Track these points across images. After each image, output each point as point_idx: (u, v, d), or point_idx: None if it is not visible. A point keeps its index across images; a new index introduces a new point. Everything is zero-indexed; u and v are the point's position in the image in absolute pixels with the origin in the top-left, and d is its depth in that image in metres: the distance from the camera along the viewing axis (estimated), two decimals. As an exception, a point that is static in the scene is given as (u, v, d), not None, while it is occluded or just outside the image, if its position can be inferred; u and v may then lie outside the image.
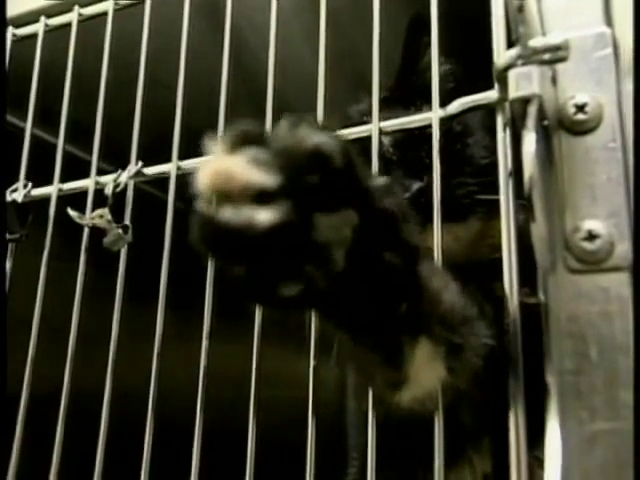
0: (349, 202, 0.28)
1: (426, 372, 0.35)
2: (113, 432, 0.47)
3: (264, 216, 0.26)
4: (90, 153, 0.53)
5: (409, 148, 0.54)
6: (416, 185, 0.50)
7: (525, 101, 0.33)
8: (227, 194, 0.27)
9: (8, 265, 0.52)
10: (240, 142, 0.28)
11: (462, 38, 0.51)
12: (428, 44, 0.41)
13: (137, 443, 0.45)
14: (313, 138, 0.27)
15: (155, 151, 0.50)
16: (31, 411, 0.50)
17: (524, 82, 0.33)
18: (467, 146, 0.55)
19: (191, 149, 0.50)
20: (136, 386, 0.46)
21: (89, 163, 0.52)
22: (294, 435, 0.45)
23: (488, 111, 0.38)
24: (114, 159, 0.53)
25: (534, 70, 0.33)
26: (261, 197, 0.27)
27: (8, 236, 0.50)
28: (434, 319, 0.35)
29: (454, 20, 0.45)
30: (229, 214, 0.26)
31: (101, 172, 0.52)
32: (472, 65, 0.42)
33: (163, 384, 0.46)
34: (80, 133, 0.55)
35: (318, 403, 0.41)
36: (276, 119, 0.46)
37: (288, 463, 0.49)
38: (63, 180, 0.53)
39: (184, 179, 0.49)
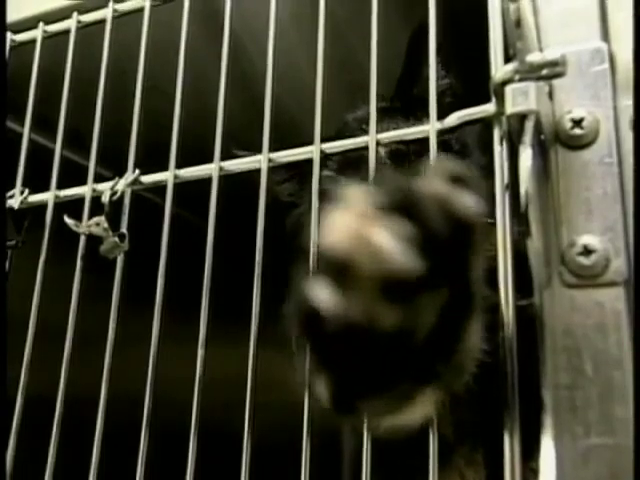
0: (449, 279, 0.24)
1: (416, 409, 0.32)
2: (109, 435, 0.47)
3: (391, 318, 0.22)
4: (88, 159, 0.53)
5: (406, 160, 0.54)
6: None
7: (522, 116, 0.33)
8: (354, 270, 0.22)
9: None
10: (386, 203, 0.22)
11: (461, 52, 0.51)
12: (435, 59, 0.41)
13: (133, 446, 0.45)
14: (469, 202, 0.23)
15: (153, 157, 0.50)
16: (27, 414, 0.49)
17: (521, 98, 0.33)
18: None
19: (189, 156, 0.50)
20: (133, 389, 0.46)
21: (87, 168, 0.52)
22: (290, 440, 0.45)
23: (485, 125, 0.39)
24: (112, 164, 0.53)
25: (531, 86, 0.33)
26: (391, 285, 0.22)
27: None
28: (450, 369, 0.31)
29: (454, 34, 0.45)
30: (350, 305, 0.21)
31: (99, 177, 0.52)
32: (471, 80, 0.42)
33: (159, 387, 0.46)
34: (78, 138, 0.55)
35: (314, 408, 0.41)
36: (274, 127, 0.46)
37: (284, 468, 0.49)
38: (61, 185, 0.53)
39: (182, 186, 0.49)
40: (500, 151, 0.37)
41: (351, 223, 0.22)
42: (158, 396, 0.45)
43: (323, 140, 0.43)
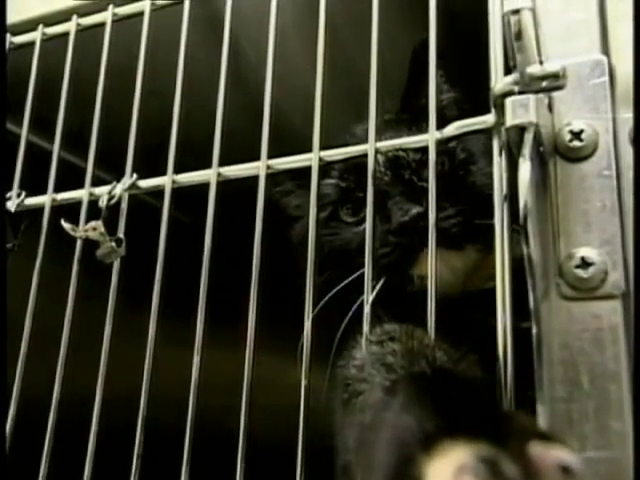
0: None
1: None
2: (104, 436, 0.46)
3: None
4: (86, 161, 0.52)
5: (405, 170, 0.54)
6: (415, 209, 0.50)
7: (521, 128, 0.33)
8: None
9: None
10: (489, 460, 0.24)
11: (465, 66, 0.51)
12: (435, 69, 0.41)
13: (127, 448, 0.44)
14: None
15: (152, 160, 0.50)
16: (22, 415, 0.49)
17: (521, 110, 0.33)
18: (469, 173, 0.55)
19: (187, 160, 0.50)
20: (129, 391, 0.46)
21: (85, 170, 0.52)
22: (285, 442, 0.45)
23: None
24: (111, 167, 0.52)
25: (531, 98, 0.33)
26: None
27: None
28: None
29: (457, 47, 0.45)
30: None
31: (98, 179, 0.52)
32: (475, 93, 0.42)
33: (156, 389, 0.45)
34: (77, 141, 0.55)
35: (309, 412, 0.40)
36: (273, 133, 0.46)
37: (279, 471, 0.49)
38: (59, 186, 0.53)
39: (180, 189, 0.49)
40: (499, 162, 0.37)
41: None
42: (154, 398, 0.45)
43: (322, 148, 0.43)
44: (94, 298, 0.48)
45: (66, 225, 0.45)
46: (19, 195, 0.52)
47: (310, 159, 0.42)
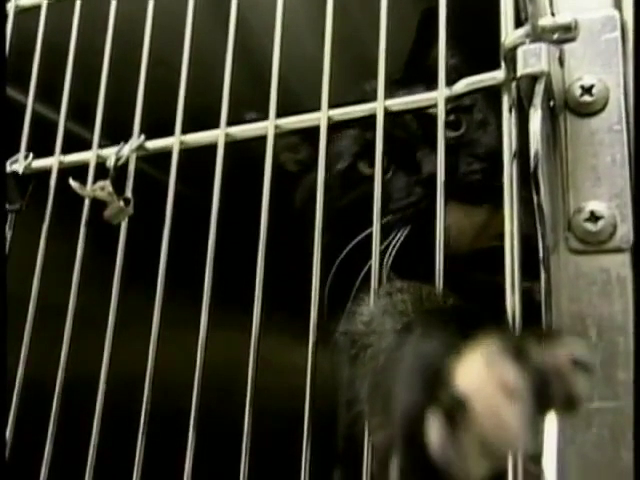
0: None
1: None
2: (109, 418, 0.46)
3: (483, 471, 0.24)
4: (92, 131, 0.52)
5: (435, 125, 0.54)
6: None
7: (533, 79, 0.33)
8: (473, 428, 0.24)
9: (7, 236, 0.51)
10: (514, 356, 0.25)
11: (468, 31, 0.51)
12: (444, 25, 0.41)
13: (132, 428, 0.44)
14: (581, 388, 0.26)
15: (157, 130, 0.50)
16: (26, 395, 0.49)
17: (533, 59, 0.33)
18: (487, 134, 0.55)
19: (193, 127, 0.50)
20: (133, 370, 0.46)
21: (91, 142, 0.51)
22: (290, 422, 0.45)
23: (494, 93, 0.38)
24: (116, 137, 0.52)
25: (543, 47, 0.33)
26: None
27: (8, 207, 0.49)
28: None
29: (461, 15, 0.45)
30: (455, 456, 0.23)
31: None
32: (478, 59, 0.42)
33: (161, 369, 0.45)
34: (83, 111, 0.54)
35: (315, 391, 0.40)
36: (279, 101, 0.46)
37: (284, 450, 0.49)
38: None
39: (186, 162, 0.49)
40: (509, 119, 0.37)
41: (483, 375, 0.24)
42: (159, 378, 0.45)
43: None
44: (99, 276, 0.48)
45: (74, 184, 0.45)
46: (26, 157, 0.52)
47: (319, 118, 0.42)
